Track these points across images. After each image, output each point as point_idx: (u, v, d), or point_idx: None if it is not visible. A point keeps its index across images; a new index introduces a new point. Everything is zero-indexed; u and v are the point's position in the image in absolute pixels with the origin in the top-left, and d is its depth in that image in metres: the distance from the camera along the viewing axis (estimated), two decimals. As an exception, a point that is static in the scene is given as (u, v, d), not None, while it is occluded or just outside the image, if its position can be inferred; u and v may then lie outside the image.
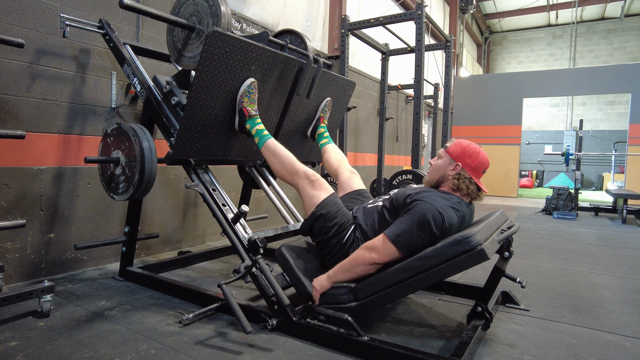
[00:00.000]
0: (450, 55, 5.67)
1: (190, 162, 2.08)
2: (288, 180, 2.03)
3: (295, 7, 4.79)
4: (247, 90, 2.04)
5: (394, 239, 1.65)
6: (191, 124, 1.95)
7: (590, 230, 4.68)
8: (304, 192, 1.95)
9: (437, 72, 8.83)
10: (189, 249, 3.20)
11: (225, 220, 1.96)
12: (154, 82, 2.28)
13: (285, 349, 1.61)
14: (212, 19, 2.05)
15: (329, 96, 2.68)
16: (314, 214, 1.88)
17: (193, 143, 2.02)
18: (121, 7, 1.94)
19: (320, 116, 2.63)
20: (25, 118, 2.29)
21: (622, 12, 12.74)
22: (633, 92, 7.84)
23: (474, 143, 1.87)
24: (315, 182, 1.94)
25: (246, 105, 2.05)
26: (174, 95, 2.18)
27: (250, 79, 2.06)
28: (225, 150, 2.21)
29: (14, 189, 2.25)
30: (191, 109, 1.91)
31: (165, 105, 2.20)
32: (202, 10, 2.09)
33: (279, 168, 2.04)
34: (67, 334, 1.68)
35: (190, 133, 1.97)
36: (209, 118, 2.00)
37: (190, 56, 2.15)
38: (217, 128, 2.08)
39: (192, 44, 2.14)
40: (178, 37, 2.21)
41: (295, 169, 1.99)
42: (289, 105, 2.43)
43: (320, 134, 2.60)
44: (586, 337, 1.81)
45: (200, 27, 2.10)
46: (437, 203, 1.69)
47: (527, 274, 2.77)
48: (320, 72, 2.43)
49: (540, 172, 13.20)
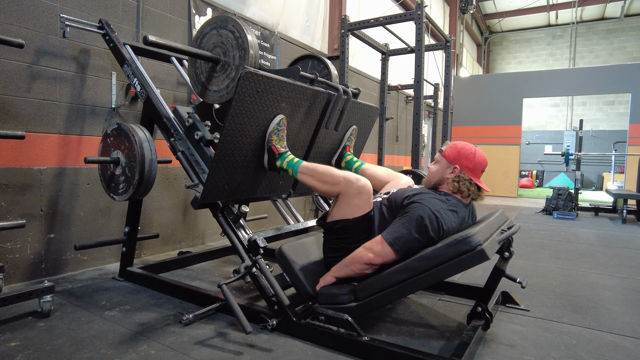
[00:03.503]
0: (450, 55, 5.67)
1: (219, 205, 1.98)
2: (333, 193, 1.86)
3: (295, 7, 4.79)
4: (276, 128, 1.96)
5: (391, 241, 1.65)
6: (221, 167, 1.84)
7: (590, 230, 4.68)
8: (346, 198, 1.80)
9: (437, 72, 8.83)
10: (189, 249, 3.20)
11: (225, 221, 1.96)
12: (175, 114, 2.19)
13: (285, 349, 1.61)
14: (239, 52, 1.96)
15: (355, 124, 2.58)
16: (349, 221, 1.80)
17: (222, 185, 1.90)
18: (146, 44, 1.89)
19: (346, 145, 2.55)
20: (25, 118, 2.29)
21: (622, 12, 12.74)
22: (633, 92, 7.83)
23: (470, 144, 1.87)
24: (362, 189, 1.78)
25: (275, 143, 1.96)
26: (197, 130, 2.08)
27: (279, 116, 1.96)
28: (253, 188, 2.10)
29: (14, 189, 2.25)
30: (222, 151, 1.79)
31: (188, 140, 2.10)
32: (228, 41, 2.00)
33: (321, 185, 1.87)
34: (67, 334, 1.68)
35: (219, 176, 1.86)
36: (238, 159, 1.89)
37: (215, 90, 2.06)
38: (246, 167, 1.97)
39: (217, 77, 2.05)
40: (201, 69, 2.11)
41: (336, 179, 1.82)
42: (315, 137, 2.33)
43: (349, 161, 2.50)
44: (586, 337, 1.81)
45: (226, 59, 2.01)
46: (434, 206, 1.69)
47: (527, 274, 2.77)
48: (349, 103, 2.33)
49: (540, 172, 13.20)
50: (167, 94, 3.10)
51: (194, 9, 3.29)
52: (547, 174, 13.23)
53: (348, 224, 1.80)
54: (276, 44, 4.23)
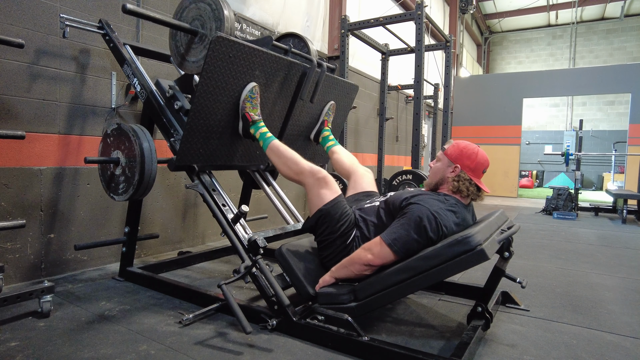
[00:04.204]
0: (450, 56, 5.67)
1: (194, 168, 2.06)
2: (295, 180, 2.01)
3: (295, 8, 4.79)
4: (248, 95, 2.02)
5: (390, 242, 1.66)
6: (195, 130, 1.92)
7: (590, 230, 4.68)
8: (311, 191, 1.92)
9: (437, 72, 8.83)
10: (189, 249, 3.20)
11: (225, 221, 1.96)
12: (157, 86, 2.26)
13: (285, 349, 1.61)
14: (215, 23, 2.03)
15: (333, 100, 2.66)
16: (319, 211, 1.87)
17: (197, 149, 1.99)
18: (124, 12, 1.90)
19: (324, 120, 2.61)
20: (25, 118, 2.29)
21: (622, 12, 12.74)
22: (633, 92, 7.84)
23: (473, 144, 1.86)
24: (322, 180, 1.90)
25: (249, 110, 2.03)
26: (177, 100, 2.16)
27: (251, 83, 2.03)
28: (229, 155, 2.19)
29: (14, 189, 2.25)
30: (195, 114, 1.88)
31: (168, 109, 2.18)
32: (205, 14, 2.06)
33: (284, 169, 2.01)
34: (67, 335, 1.68)
35: (194, 139, 1.95)
36: (212, 123, 1.98)
37: (193, 60, 2.13)
38: (221, 133, 2.05)
39: (195, 48, 2.12)
40: (181, 42, 2.19)
41: (300, 168, 1.96)
42: (292, 110, 2.41)
43: (326, 137, 2.59)
44: (586, 337, 1.81)
45: (204, 32, 2.07)
46: (433, 206, 1.69)
47: (527, 274, 2.77)
48: (324, 76, 2.41)
49: (540, 172, 13.20)
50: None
51: (194, 9, 3.28)
52: (547, 174, 13.23)
53: (321, 214, 1.86)
54: (276, 44, 4.23)
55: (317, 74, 2.38)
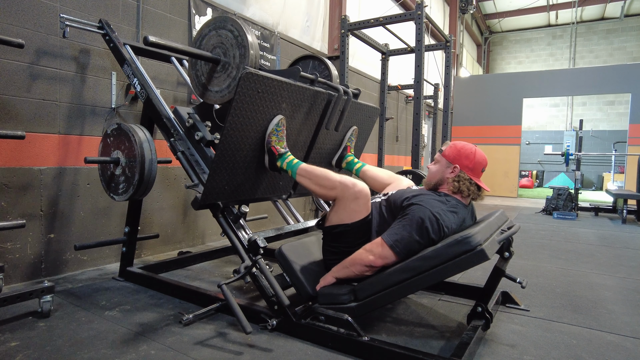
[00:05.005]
0: (450, 56, 5.67)
1: (219, 206, 1.96)
2: (330, 197, 1.87)
3: (295, 8, 4.79)
4: (274, 129, 1.95)
5: (392, 244, 1.65)
6: (222, 167, 1.83)
7: (590, 231, 4.68)
8: (343, 202, 1.80)
9: (437, 72, 8.83)
10: (189, 249, 3.20)
11: (225, 221, 1.96)
12: (175, 115, 2.19)
13: (285, 349, 1.61)
14: (238, 51, 1.96)
15: (355, 124, 2.57)
16: (347, 225, 1.79)
17: (222, 186, 1.90)
18: (146, 45, 1.89)
19: (346, 145, 2.54)
20: (25, 118, 2.29)
21: (622, 12, 12.74)
22: (633, 92, 7.83)
23: (469, 143, 1.87)
24: (359, 194, 1.77)
25: (275, 143, 1.96)
26: (198, 130, 2.08)
27: (278, 116, 1.95)
28: (253, 189, 2.10)
29: (14, 189, 2.25)
30: (222, 152, 1.79)
31: (188, 141, 2.11)
32: (227, 41, 2.00)
33: (317, 188, 1.88)
34: (67, 335, 1.68)
35: (220, 176, 1.86)
36: (238, 159, 1.89)
37: (216, 90, 2.06)
38: (246, 168, 1.97)
39: (217, 78, 2.05)
40: (202, 71, 2.12)
41: (332, 183, 1.82)
42: (316, 138, 2.33)
43: (350, 162, 2.49)
44: (586, 337, 1.81)
45: (226, 59, 2.01)
46: (434, 207, 1.69)
47: (527, 274, 2.77)
48: (349, 104, 2.34)
49: (540, 172, 13.19)
50: (167, 94, 3.10)
51: (194, 9, 3.29)
52: (547, 174, 13.22)
53: (346, 229, 1.80)
54: (276, 44, 4.23)
55: (342, 101, 2.30)
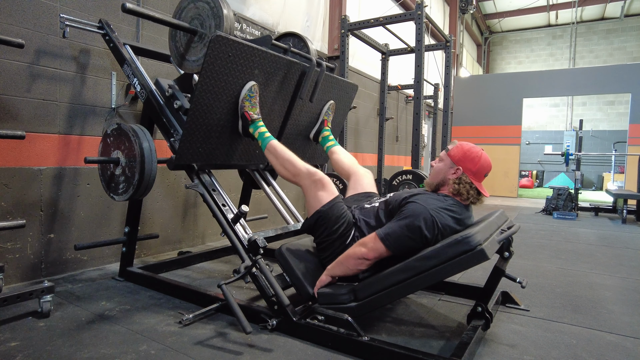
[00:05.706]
0: (450, 56, 5.67)
1: (194, 167, 2.06)
2: (292, 181, 2.01)
3: (295, 8, 4.79)
4: (247, 94, 2.02)
5: (382, 237, 1.68)
6: (194, 128, 1.93)
7: (590, 230, 4.68)
8: (308, 193, 1.93)
9: (437, 72, 8.83)
10: (189, 249, 3.20)
11: (225, 221, 1.96)
12: (156, 86, 2.26)
13: (285, 349, 1.61)
14: (214, 21, 2.03)
15: (332, 99, 2.66)
16: (317, 212, 1.88)
17: (196, 148, 1.99)
18: (124, 11, 1.91)
19: (324, 119, 2.61)
20: (25, 118, 2.29)
21: (622, 12, 12.74)
22: (633, 92, 7.83)
23: (477, 146, 1.84)
24: (319, 182, 1.91)
25: (247, 109, 2.03)
26: (177, 99, 2.16)
27: (250, 82, 2.03)
28: (228, 154, 2.19)
29: (14, 189, 2.25)
30: (194, 113, 1.89)
31: (167, 108, 2.18)
32: (204, 13, 2.06)
33: (282, 169, 2.01)
34: (67, 334, 1.68)
35: (193, 137, 1.95)
36: (211, 122, 1.98)
37: (193, 60, 2.13)
38: (220, 132, 2.05)
39: (194, 48, 2.12)
40: (180, 42, 2.19)
41: (297, 170, 1.96)
42: (291, 109, 2.41)
43: (326, 137, 2.58)
44: (586, 337, 1.81)
45: (203, 31, 2.08)
46: (430, 205, 1.70)
47: (527, 274, 2.77)
48: (323, 75, 2.41)
49: (540, 172, 13.19)
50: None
51: (194, 9, 3.28)
52: (547, 174, 13.22)
53: (319, 216, 1.87)
54: (276, 44, 4.23)
55: (316, 73, 2.37)
